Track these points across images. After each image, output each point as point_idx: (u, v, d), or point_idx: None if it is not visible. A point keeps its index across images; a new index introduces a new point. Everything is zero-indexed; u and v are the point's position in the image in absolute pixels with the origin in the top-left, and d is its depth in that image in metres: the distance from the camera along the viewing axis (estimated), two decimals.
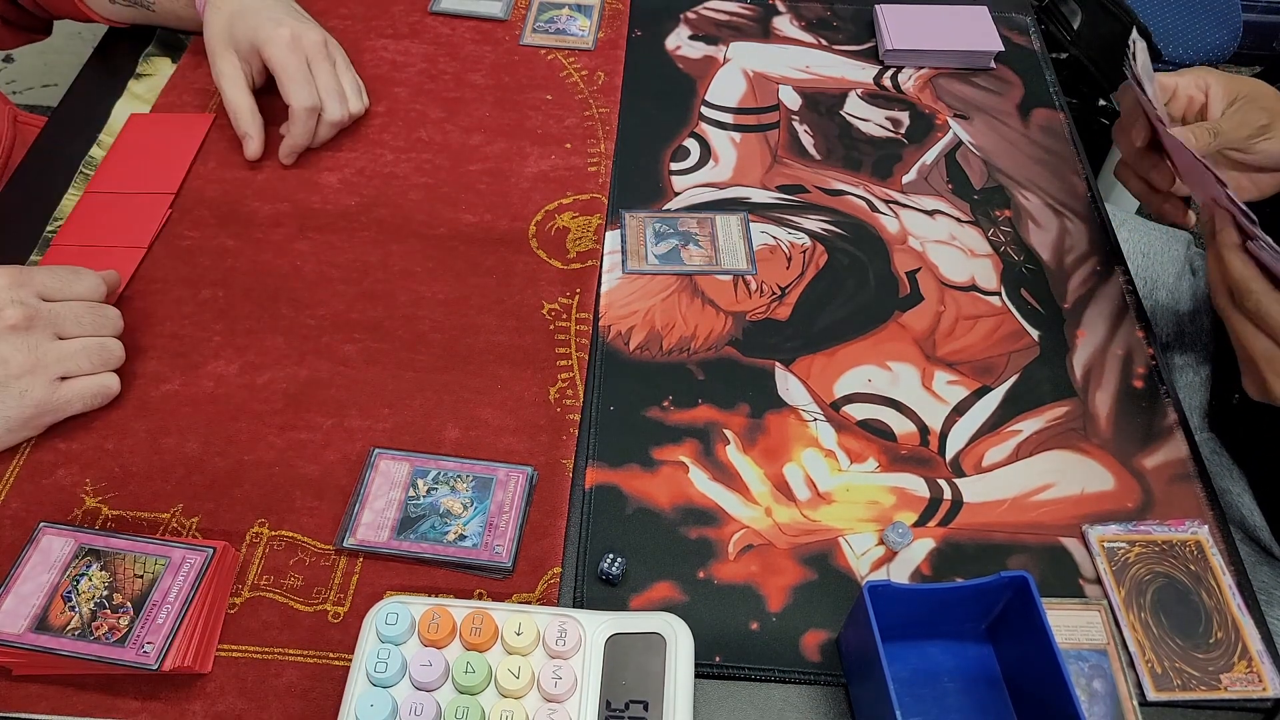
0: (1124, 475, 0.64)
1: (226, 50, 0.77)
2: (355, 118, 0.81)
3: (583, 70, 0.90)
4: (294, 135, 0.78)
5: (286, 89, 0.76)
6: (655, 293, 0.73)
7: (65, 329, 0.61)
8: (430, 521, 0.59)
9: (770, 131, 0.86)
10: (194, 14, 0.83)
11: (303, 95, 0.76)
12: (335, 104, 0.79)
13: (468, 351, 0.68)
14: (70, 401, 0.61)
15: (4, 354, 0.57)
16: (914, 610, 0.52)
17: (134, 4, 0.85)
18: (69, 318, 0.61)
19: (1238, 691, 0.54)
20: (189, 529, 0.59)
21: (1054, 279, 0.75)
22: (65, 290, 0.62)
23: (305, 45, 0.78)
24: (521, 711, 0.48)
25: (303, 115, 0.77)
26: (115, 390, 0.63)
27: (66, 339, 0.61)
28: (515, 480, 0.60)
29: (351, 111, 0.80)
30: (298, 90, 0.76)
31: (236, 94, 0.77)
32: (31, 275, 0.61)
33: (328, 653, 0.54)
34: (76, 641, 0.50)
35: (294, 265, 0.73)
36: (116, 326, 0.64)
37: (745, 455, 0.64)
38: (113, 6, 0.85)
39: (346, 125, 0.81)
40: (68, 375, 0.61)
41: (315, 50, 0.78)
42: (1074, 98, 1.46)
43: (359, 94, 0.81)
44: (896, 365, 0.69)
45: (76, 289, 0.62)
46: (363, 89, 0.83)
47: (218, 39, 0.78)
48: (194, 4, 0.82)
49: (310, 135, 0.79)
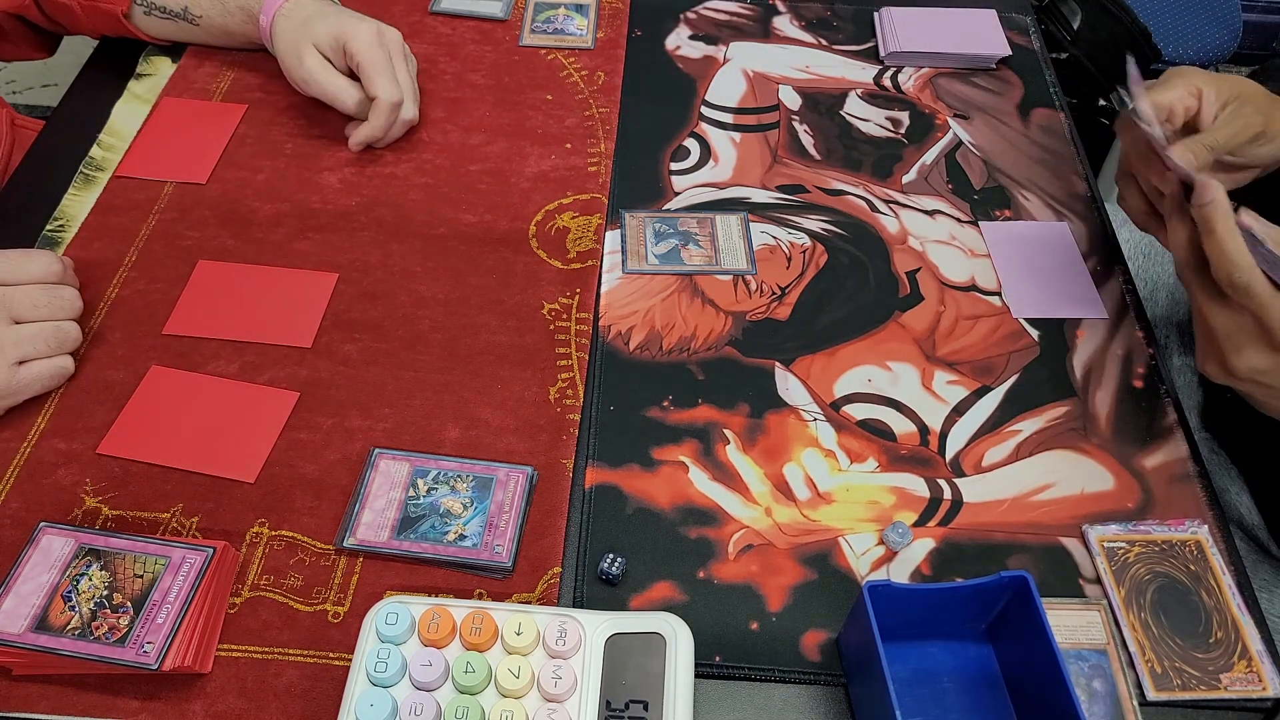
0: (1124, 475, 0.64)
1: (309, 48, 0.78)
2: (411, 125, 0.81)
3: (583, 70, 0.90)
4: (373, 126, 0.78)
5: (374, 81, 0.77)
6: (655, 293, 0.73)
7: (21, 313, 0.61)
8: (430, 521, 0.59)
9: (770, 131, 0.86)
10: (249, 29, 0.83)
11: (390, 89, 0.77)
12: (411, 104, 0.79)
13: (468, 351, 0.68)
14: (29, 384, 0.62)
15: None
16: (914, 610, 0.52)
17: (176, 19, 0.84)
18: (24, 302, 0.62)
19: (1238, 691, 0.54)
20: (189, 529, 0.59)
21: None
22: (18, 274, 0.62)
23: (389, 40, 0.79)
24: (521, 711, 0.48)
25: (386, 109, 0.77)
26: (70, 371, 0.64)
27: (22, 323, 0.61)
28: (515, 480, 0.60)
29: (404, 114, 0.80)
30: (385, 84, 0.77)
31: (338, 81, 0.78)
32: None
33: (328, 653, 0.54)
34: (76, 641, 0.50)
35: (294, 265, 0.73)
36: (74, 308, 0.65)
37: (745, 455, 0.64)
38: (157, 23, 0.85)
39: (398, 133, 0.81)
40: (24, 360, 0.61)
41: (397, 47, 0.79)
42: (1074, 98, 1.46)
43: (415, 101, 0.81)
44: (896, 365, 0.69)
45: (30, 271, 0.63)
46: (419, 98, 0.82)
47: (295, 41, 0.78)
48: (253, 20, 0.82)
49: (387, 129, 0.79)
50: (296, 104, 0.84)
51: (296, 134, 0.82)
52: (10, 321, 0.61)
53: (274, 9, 0.80)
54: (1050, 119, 0.88)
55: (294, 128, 0.83)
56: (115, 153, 0.80)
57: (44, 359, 0.62)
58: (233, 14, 0.83)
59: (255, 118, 0.83)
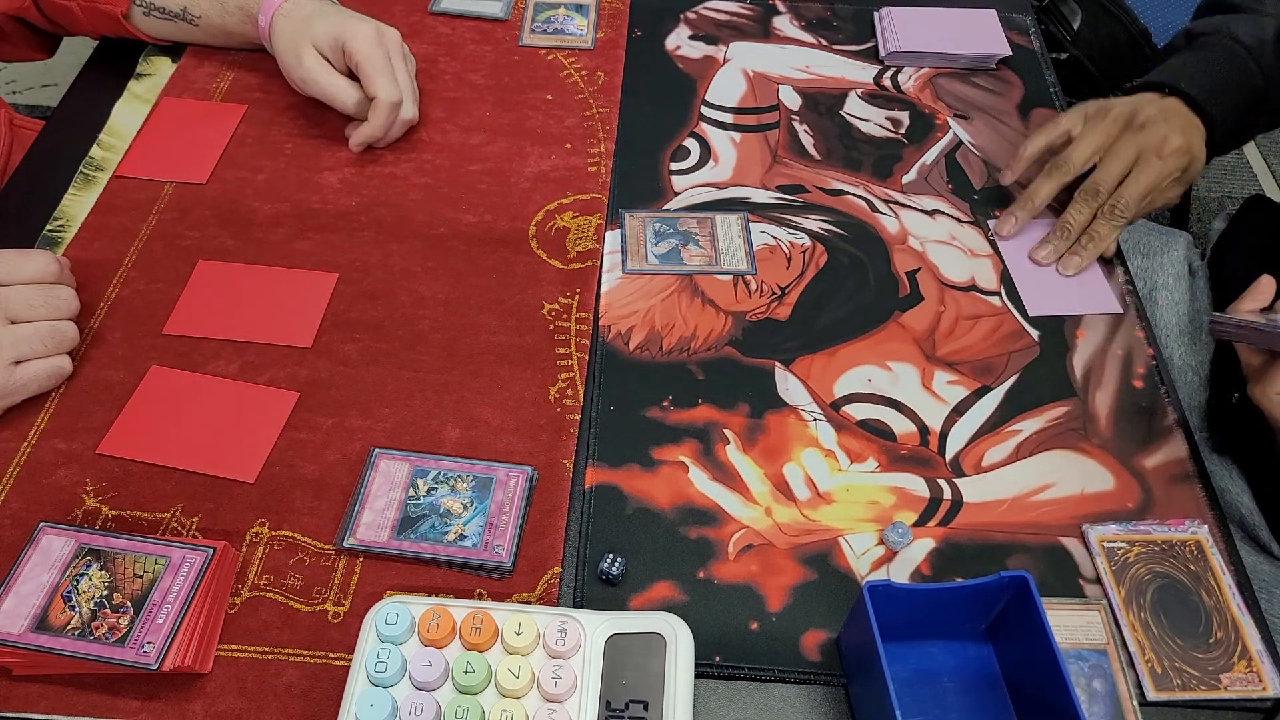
0: (1124, 475, 0.64)
1: (307, 48, 0.78)
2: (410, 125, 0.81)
3: (583, 70, 0.90)
4: (373, 126, 0.78)
5: (373, 81, 0.77)
6: (655, 293, 0.73)
7: (17, 313, 0.61)
8: (430, 521, 0.59)
9: (770, 131, 0.86)
10: (248, 29, 0.83)
11: (390, 89, 0.77)
12: (411, 104, 0.79)
13: (468, 351, 0.68)
14: (27, 384, 0.62)
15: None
16: (914, 610, 0.52)
17: (175, 19, 0.84)
18: (20, 302, 0.62)
19: (1238, 691, 0.54)
20: (189, 529, 0.59)
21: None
22: (15, 274, 0.62)
23: (388, 40, 0.79)
24: (521, 711, 0.48)
25: (386, 108, 0.77)
26: (68, 372, 0.64)
27: (19, 323, 0.61)
28: (515, 480, 0.60)
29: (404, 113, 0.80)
30: (384, 83, 0.77)
31: (337, 80, 0.78)
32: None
33: (327, 653, 0.54)
34: (76, 641, 0.50)
35: (294, 265, 0.73)
36: (71, 308, 0.65)
37: (745, 455, 0.64)
38: (156, 24, 0.85)
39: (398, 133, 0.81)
40: (21, 360, 0.61)
41: (396, 47, 0.79)
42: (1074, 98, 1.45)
43: (414, 101, 0.81)
44: (896, 365, 0.69)
45: (25, 271, 0.63)
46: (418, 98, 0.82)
47: (295, 41, 0.78)
48: (251, 20, 0.82)
49: (387, 129, 0.79)
50: (296, 104, 0.84)
51: (296, 134, 0.82)
52: (6, 322, 0.61)
53: (273, 9, 0.80)
54: (1050, 119, 0.88)
55: (294, 128, 0.83)
56: (115, 153, 0.80)
57: (41, 359, 0.62)
58: (231, 14, 0.83)
59: (255, 118, 0.83)
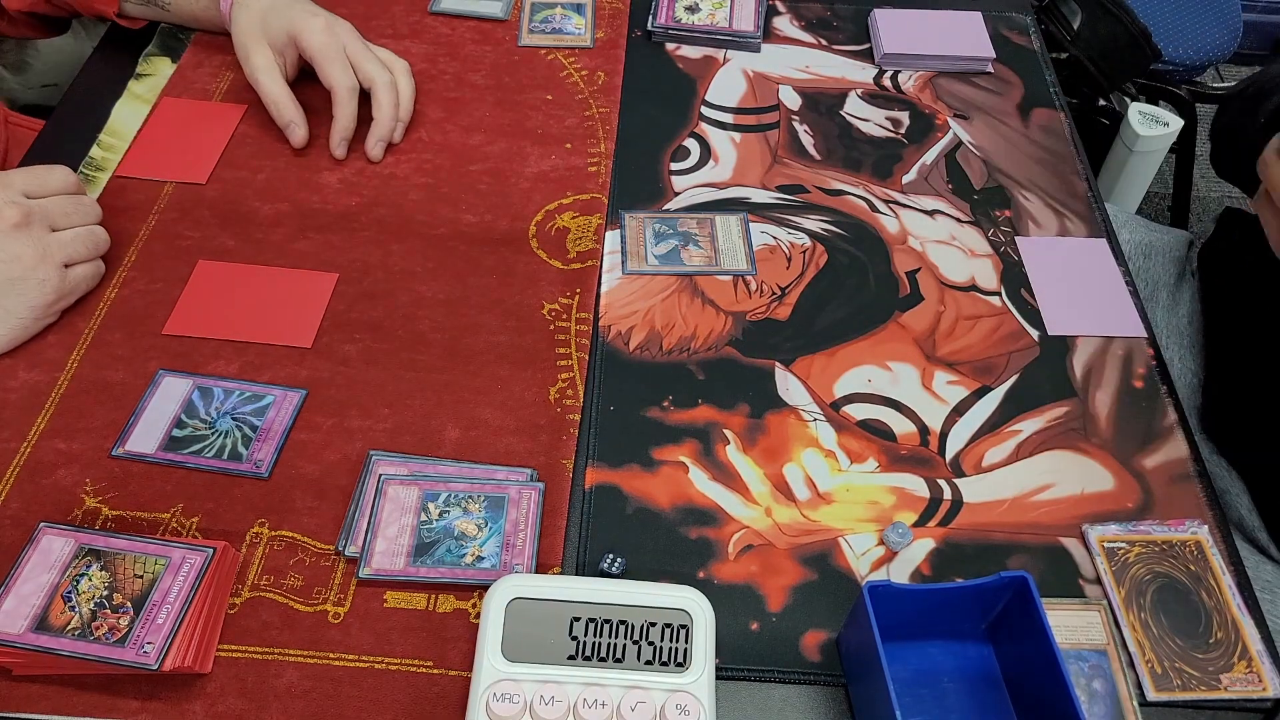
0: (1124, 475, 0.64)
1: (260, 44, 0.78)
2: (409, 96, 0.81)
3: (583, 70, 0.90)
4: (340, 119, 0.78)
5: (327, 72, 0.77)
6: (655, 293, 0.73)
7: (56, 221, 0.66)
8: (446, 545, 0.58)
9: (770, 131, 0.86)
10: (213, 14, 0.84)
11: (343, 76, 0.77)
12: (377, 69, 0.79)
13: (468, 351, 0.68)
14: (78, 285, 0.67)
15: (16, 251, 0.63)
16: (914, 610, 0.52)
17: (149, 4, 0.85)
18: (56, 211, 0.66)
19: (1238, 691, 0.54)
20: (189, 529, 0.59)
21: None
22: (44, 186, 0.67)
23: (340, 31, 0.79)
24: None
25: (345, 96, 0.78)
26: (103, 273, 0.70)
27: (59, 230, 0.66)
28: (528, 497, 0.60)
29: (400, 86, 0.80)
30: (336, 71, 0.77)
31: (275, 84, 0.78)
32: (10, 178, 0.65)
33: (327, 653, 0.54)
34: (76, 641, 0.50)
35: (294, 265, 0.73)
36: (97, 213, 0.69)
37: (745, 455, 0.64)
38: (135, 8, 0.86)
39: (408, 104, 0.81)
40: (69, 262, 0.66)
41: (349, 34, 0.80)
42: (1074, 98, 1.46)
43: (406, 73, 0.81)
44: (896, 365, 0.69)
45: (52, 183, 0.67)
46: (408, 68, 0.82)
47: (250, 34, 0.79)
48: (215, 4, 0.83)
49: (354, 117, 0.79)
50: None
51: None
52: (49, 229, 0.65)
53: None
54: (1050, 119, 0.88)
55: None
56: (115, 153, 0.80)
57: (85, 262, 0.67)
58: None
59: (255, 118, 0.83)
